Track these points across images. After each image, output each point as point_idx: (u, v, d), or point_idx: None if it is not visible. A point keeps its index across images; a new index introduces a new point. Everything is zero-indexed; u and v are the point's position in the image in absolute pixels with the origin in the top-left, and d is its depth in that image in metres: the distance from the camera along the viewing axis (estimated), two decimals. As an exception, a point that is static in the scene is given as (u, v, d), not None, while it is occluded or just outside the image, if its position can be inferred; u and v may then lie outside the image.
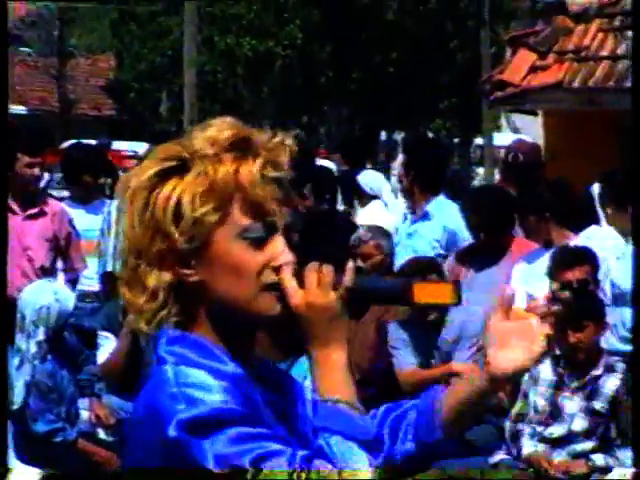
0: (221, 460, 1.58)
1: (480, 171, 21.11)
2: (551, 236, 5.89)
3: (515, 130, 17.55)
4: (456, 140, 25.25)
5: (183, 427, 1.60)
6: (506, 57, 9.13)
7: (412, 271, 5.53)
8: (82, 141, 7.93)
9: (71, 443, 5.28)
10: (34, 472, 5.18)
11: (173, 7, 22.02)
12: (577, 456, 5.09)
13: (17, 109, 21.00)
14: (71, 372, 5.44)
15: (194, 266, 1.67)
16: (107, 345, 5.88)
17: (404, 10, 22.01)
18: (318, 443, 1.64)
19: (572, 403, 5.15)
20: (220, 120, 1.72)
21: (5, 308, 5.11)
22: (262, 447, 1.59)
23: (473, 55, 20.83)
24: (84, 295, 6.57)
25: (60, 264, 6.32)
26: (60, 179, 12.82)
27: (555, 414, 5.17)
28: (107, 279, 6.51)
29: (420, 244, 6.26)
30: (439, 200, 6.40)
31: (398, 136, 24.28)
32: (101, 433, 5.60)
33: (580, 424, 5.12)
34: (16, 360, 5.37)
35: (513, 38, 9.18)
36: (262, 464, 1.58)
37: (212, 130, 1.69)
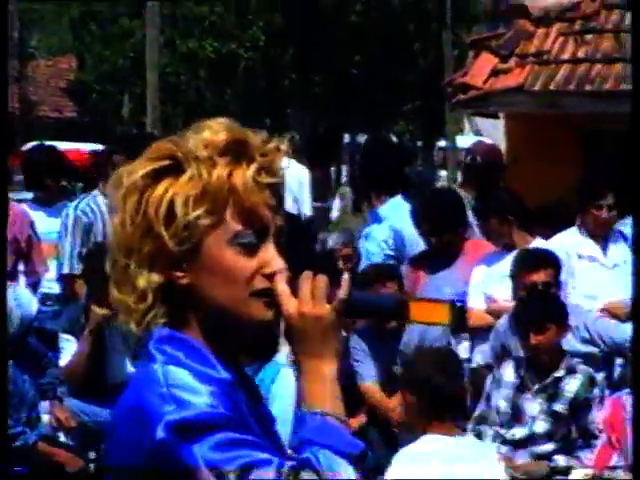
0: (208, 465, 1.58)
1: (443, 174, 21.20)
2: (512, 239, 5.94)
3: (477, 133, 17.64)
4: (419, 143, 25.34)
5: (171, 429, 1.59)
6: (468, 60, 9.18)
7: (370, 278, 5.55)
8: (44, 143, 7.89)
9: (31, 446, 5.26)
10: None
11: (135, 9, 21.94)
12: (539, 457, 5.13)
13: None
14: (33, 376, 5.42)
15: (185, 269, 1.67)
16: (69, 348, 5.85)
17: (367, 12, 22.07)
18: (305, 456, 1.63)
19: (533, 405, 5.19)
20: (216, 122, 1.70)
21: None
22: (249, 455, 1.59)
23: (436, 58, 20.92)
24: (46, 298, 6.54)
25: (21, 267, 6.29)
26: (20, 181, 12.75)
27: (517, 416, 5.21)
28: (65, 281, 6.48)
29: (371, 246, 6.31)
30: (393, 201, 6.38)
31: (362, 138, 24.32)
32: (62, 436, 5.57)
33: (542, 426, 5.16)
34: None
35: (475, 41, 9.23)
36: (248, 472, 1.57)
37: (207, 132, 1.68)
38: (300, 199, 12.19)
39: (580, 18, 8.82)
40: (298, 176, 12.55)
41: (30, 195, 7.14)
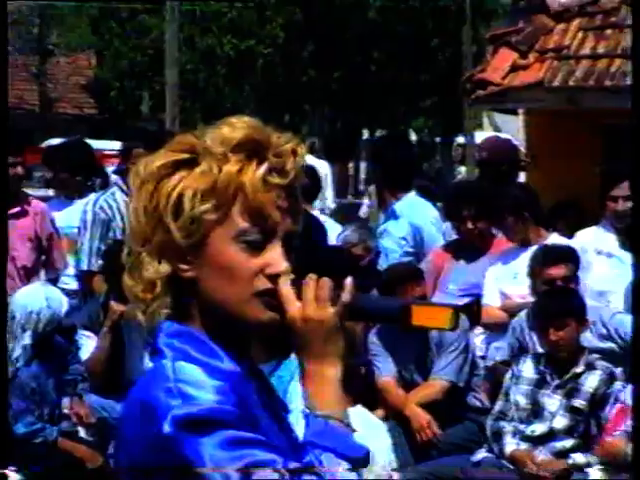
0: (212, 462, 1.58)
1: (462, 170, 21.17)
2: (528, 235, 5.93)
3: (496, 129, 17.61)
4: (438, 139, 25.31)
5: (177, 423, 1.59)
6: (487, 56, 9.15)
7: (392, 279, 5.53)
8: (79, 138, 7.95)
9: (52, 443, 5.28)
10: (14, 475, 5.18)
11: (154, 5, 21.98)
12: (558, 453, 5.12)
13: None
14: (56, 374, 5.44)
15: (190, 261, 1.67)
16: (88, 344, 5.88)
17: (385, 9, 22.05)
18: (308, 459, 1.63)
19: (553, 401, 5.18)
20: (239, 119, 1.71)
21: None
22: (253, 455, 1.59)
23: (454, 53, 20.88)
24: (65, 294, 6.57)
25: (42, 263, 6.31)
26: (40, 178, 12.77)
27: (536, 412, 5.20)
28: (84, 277, 6.51)
29: (388, 243, 6.29)
30: (409, 198, 6.39)
31: (380, 135, 24.31)
32: (82, 432, 5.60)
33: (561, 422, 5.15)
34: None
35: (494, 37, 9.20)
36: (252, 472, 1.58)
37: (226, 128, 1.69)
38: (323, 195, 12.21)
39: (600, 13, 8.79)
40: (319, 172, 12.51)
41: (49, 192, 7.17)
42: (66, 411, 5.57)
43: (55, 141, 13.27)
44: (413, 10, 21.98)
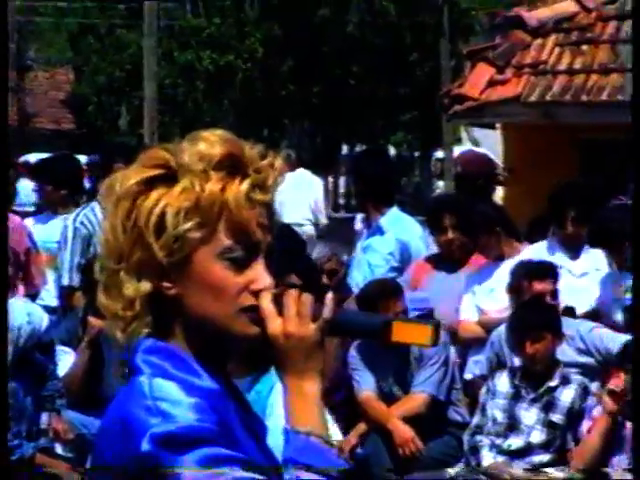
0: None
1: (440, 184, 21.22)
2: (502, 250, 5.96)
3: (475, 143, 17.67)
4: (417, 153, 25.39)
5: (156, 441, 1.58)
6: (465, 71, 9.21)
7: (373, 295, 5.54)
8: (53, 154, 7.93)
9: (28, 459, 5.26)
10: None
11: (132, 20, 21.99)
12: (536, 468, 5.14)
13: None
14: (35, 390, 5.42)
15: (173, 280, 1.66)
16: (66, 359, 5.86)
17: (364, 23, 22.12)
18: (288, 478, 1.63)
19: (529, 415, 5.20)
20: (212, 133, 1.70)
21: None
22: (233, 473, 1.58)
23: (433, 68, 20.96)
24: (45, 310, 6.55)
25: (19, 279, 6.30)
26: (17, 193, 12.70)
27: (513, 426, 5.22)
28: (64, 293, 6.48)
29: (374, 258, 6.30)
30: (392, 213, 6.41)
31: (359, 149, 24.36)
32: (59, 448, 5.58)
33: (538, 436, 5.17)
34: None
35: (471, 52, 9.27)
36: None
37: (203, 144, 1.67)
38: (316, 208, 12.21)
39: (576, 29, 8.86)
40: (312, 186, 12.55)
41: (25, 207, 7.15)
42: (44, 427, 5.55)
43: (32, 156, 13.20)
44: (391, 25, 22.07)
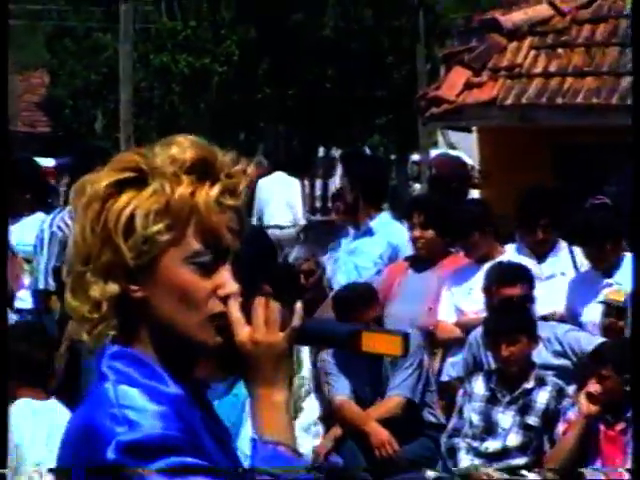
0: None
1: (417, 187, 21.27)
2: (490, 250, 5.97)
3: (451, 146, 17.72)
4: (393, 156, 25.42)
5: (122, 450, 1.58)
6: (441, 74, 9.23)
7: (347, 300, 5.54)
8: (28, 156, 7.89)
9: None
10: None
11: (108, 23, 21.92)
12: (513, 471, 5.15)
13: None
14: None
15: (140, 282, 1.66)
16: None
17: (340, 27, 22.15)
18: None
19: (506, 417, 5.22)
20: (184, 138, 1.70)
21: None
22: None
23: (409, 71, 21.01)
24: (21, 313, 6.52)
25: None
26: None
27: (490, 429, 5.23)
28: (40, 297, 6.45)
29: (362, 260, 6.31)
30: (383, 216, 6.47)
31: (336, 152, 24.38)
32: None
33: (514, 439, 5.19)
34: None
35: (447, 55, 9.30)
36: None
37: (175, 148, 1.67)
38: (293, 210, 12.20)
39: (551, 32, 8.90)
40: (289, 188, 12.54)
41: None
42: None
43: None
44: (368, 28, 22.10)
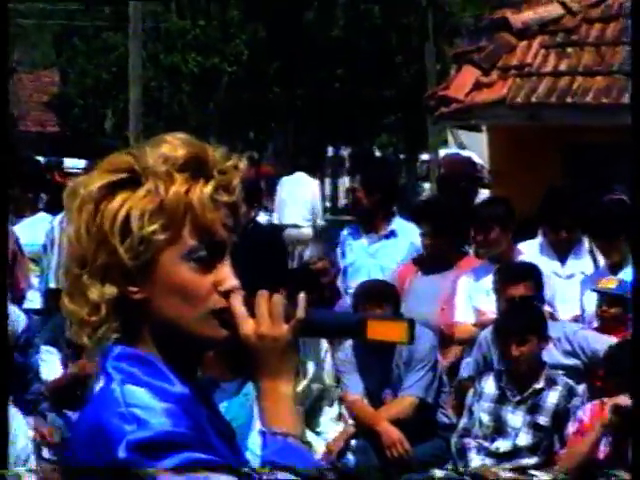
0: None
1: (426, 186, 21.27)
2: (508, 249, 5.97)
3: (461, 146, 17.70)
4: (402, 156, 25.42)
5: (133, 448, 1.58)
6: (450, 73, 9.22)
7: (366, 298, 5.55)
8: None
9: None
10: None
11: (118, 22, 21.96)
12: (523, 471, 5.14)
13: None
14: (16, 393, 5.39)
15: (139, 283, 1.65)
16: (50, 360, 5.84)
17: (350, 26, 22.16)
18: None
19: (516, 417, 5.21)
20: (174, 136, 1.70)
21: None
22: (212, 477, 1.58)
23: (418, 71, 21.00)
24: (31, 312, 6.52)
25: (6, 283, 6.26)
26: None
27: (500, 429, 5.23)
28: (50, 296, 6.46)
29: (387, 262, 6.34)
30: (399, 219, 6.57)
31: (344, 151, 24.40)
32: (45, 452, 5.56)
33: (524, 439, 5.18)
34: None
35: (457, 54, 9.28)
36: None
37: (166, 147, 1.67)
38: (312, 210, 12.25)
39: (561, 31, 8.88)
40: (308, 188, 12.61)
41: None
42: (30, 430, 5.53)
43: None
44: (377, 27, 22.10)
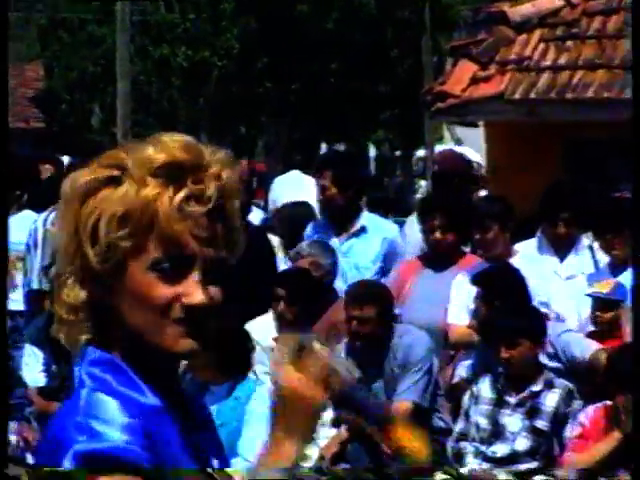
0: None
1: (422, 183, 21.27)
2: (506, 248, 5.98)
3: (457, 142, 17.71)
4: (398, 152, 25.42)
5: (78, 459, 1.57)
6: (447, 67, 9.22)
7: (357, 296, 5.57)
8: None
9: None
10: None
11: (104, 15, 21.92)
12: (522, 476, 5.15)
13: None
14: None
15: (108, 289, 1.66)
16: (32, 362, 5.82)
17: (344, 19, 22.14)
18: None
19: (513, 421, 5.21)
20: (170, 137, 1.67)
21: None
22: None
23: (414, 65, 20.99)
24: (13, 314, 6.51)
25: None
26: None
27: (497, 432, 5.23)
28: (32, 297, 6.44)
29: (361, 259, 6.30)
30: (367, 214, 6.52)
31: (339, 147, 24.38)
32: (29, 458, 5.55)
33: (523, 443, 5.18)
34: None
35: (454, 48, 9.28)
36: None
37: (151, 148, 1.65)
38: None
39: (561, 24, 8.88)
40: (305, 186, 12.60)
41: None
42: (14, 436, 5.52)
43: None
44: (372, 20, 22.09)
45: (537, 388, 5.20)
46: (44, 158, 8.55)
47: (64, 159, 15.28)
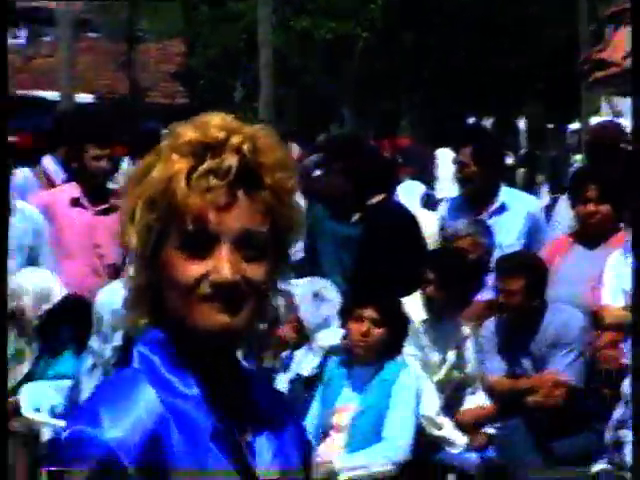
0: None
1: (578, 157, 20.87)
2: None
3: (617, 114, 17.28)
4: (550, 125, 25.00)
5: (66, 443, 1.61)
6: (606, 35, 9.00)
7: (505, 267, 5.52)
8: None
9: None
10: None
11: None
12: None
13: (84, 97, 21.24)
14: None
15: (151, 271, 1.70)
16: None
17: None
18: None
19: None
20: (212, 116, 1.70)
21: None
22: None
23: (570, 33, 20.60)
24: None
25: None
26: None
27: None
28: None
29: (505, 238, 6.23)
30: (506, 189, 6.45)
31: (487, 122, 24.13)
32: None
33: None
34: (89, 362, 5.46)
35: (614, 14, 9.06)
36: None
37: (183, 128, 1.69)
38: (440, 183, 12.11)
39: None
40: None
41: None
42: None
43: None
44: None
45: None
46: None
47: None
